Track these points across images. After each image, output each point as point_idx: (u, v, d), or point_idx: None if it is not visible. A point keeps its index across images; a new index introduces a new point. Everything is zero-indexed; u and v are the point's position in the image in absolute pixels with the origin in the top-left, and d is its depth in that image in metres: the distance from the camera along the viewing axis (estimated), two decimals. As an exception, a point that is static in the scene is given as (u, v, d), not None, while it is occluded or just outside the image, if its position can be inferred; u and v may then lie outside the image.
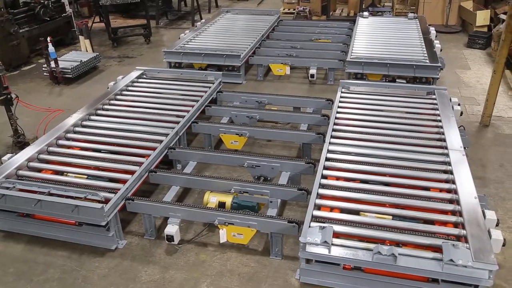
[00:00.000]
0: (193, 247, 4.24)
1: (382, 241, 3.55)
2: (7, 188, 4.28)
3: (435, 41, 7.86)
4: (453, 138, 4.77)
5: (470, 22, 10.19)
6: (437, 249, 3.42)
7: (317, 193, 4.07)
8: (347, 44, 8.26)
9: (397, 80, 7.08)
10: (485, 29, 9.77)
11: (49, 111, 6.70)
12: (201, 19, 11.68)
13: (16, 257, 4.19)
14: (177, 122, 5.44)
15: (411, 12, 10.16)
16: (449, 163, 4.38)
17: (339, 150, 4.73)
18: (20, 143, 5.85)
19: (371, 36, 8.42)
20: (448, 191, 4.10)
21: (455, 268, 3.24)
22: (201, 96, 6.12)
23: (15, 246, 4.32)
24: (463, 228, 3.57)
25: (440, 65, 6.86)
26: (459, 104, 5.59)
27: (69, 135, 5.29)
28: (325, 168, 4.45)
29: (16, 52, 9.00)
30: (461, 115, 5.53)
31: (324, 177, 4.34)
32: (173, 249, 4.20)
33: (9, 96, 5.61)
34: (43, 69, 8.27)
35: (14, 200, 4.17)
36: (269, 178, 4.76)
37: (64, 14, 10.26)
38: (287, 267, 3.96)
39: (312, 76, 7.62)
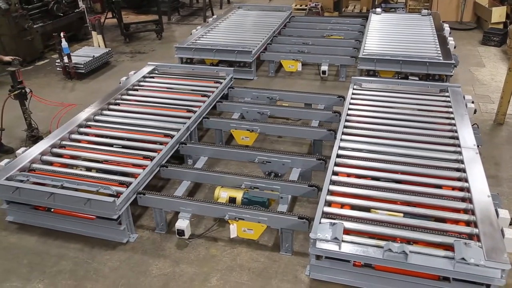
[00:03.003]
0: (203, 241, 4.26)
1: (393, 239, 3.53)
2: (21, 181, 4.34)
3: (449, 38, 7.78)
4: (466, 136, 4.73)
5: (485, 18, 10.06)
6: (449, 247, 3.40)
7: (328, 189, 4.06)
8: (359, 41, 8.21)
9: (409, 77, 7.02)
10: (501, 26, 9.64)
11: (62, 106, 6.76)
12: (213, 15, 11.67)
13: (30, 249, 4.25)
14: (189, 118, 5.46)
15: (425, 9, 10.06)
16: (462, 161, 4.34)
17: (350, 147, 4.71)
18: (33, 137, 5.93)
19: (383, 33, 8.36)
20: (461, 189, 4.06)
21: (467, 267, 3.21)
22: (212, 92, 6.14)
23: (29, 238, 4.38)
24: (476, 226, 3.54)
25: (454, 62, 6.79)
26: (472, 102, 5.53)
27: (82, 129, 5.34)
28: (336, 164, 4.43)
29: (30, 47, 9.10)
30: (474, 113, 5.48)
31: (335, 173, 4.33)
32: (184, 244, 4.23)
33: (23, 90, 5.68)
34: (56, 64, 8.36)
35: (28, 193, 4.22)
36: (279, 174, 4.76)
37: (77, 10, 10.34)
38: (297, 263, 3.96)
39: (324, 72, 7.59)
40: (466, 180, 4.08)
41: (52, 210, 4.32)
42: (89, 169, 4.68)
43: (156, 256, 4.11)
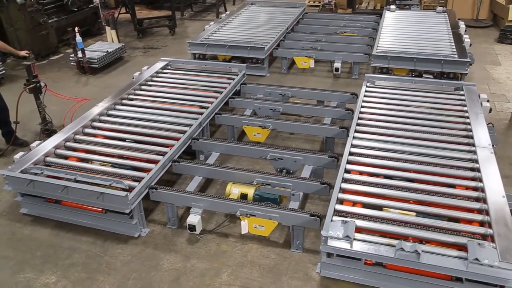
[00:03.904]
0: (214, 237, 4.28)
1: (405, 238, 3.50)
2: (36, 174, 4.39)
3: (465, 36, 7.69)
4: (481, 135, 4.67)
5: (502, 16, 9.91)
6: (462, 247, 3.37)
7: (340, 187, 4.04)
8: (373, 38, 8.15)
9: (423, 75, 6.95)
10: (518, 24, 9.50)
11: (76, 100, 6.82)
12: (226, 11, 11.69)
13: (43, 241, 4.31)
14: (201, 113, 5.47)
15: (440, 6, 9.93)
16: (476, 161, 4.29)
17: (363, 145, 4.68)
18: (47, 131, 5.99)
19: (397, 30, 8.28)
20: (475, 189, 4.02)
21: (480, 268, 3.18)
22: (225, 88, 6.14)
23: (43, 231, 4.43)
24: (490, 227, 3.50)
25: (469, 60, 6.71)
26: (488, 101, 5.46)
27: (95, 123, 5.38)
28: (349, 162, 4.41)
29: (45, 42, 9.19)
30: (490, 112, 5.41)
31: (347, 171, 4.30)
32: (195, 239, 4.25)
33: (38, 84, 5.73)
34: (71, 58, 8.43)
35: (42, 186, 4.27)
36: (291, 171, 4.75)
37: (91, 5, 10.42)
38: (308, 261, 3.95)
39: (337, 69, 7.55)
40: (480, 180, 4.03)
41: (61, 202, 4.38)
42: (102, 163, 4.71)
43: (167, 251, 4.13)
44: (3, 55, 8.24)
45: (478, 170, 4.16)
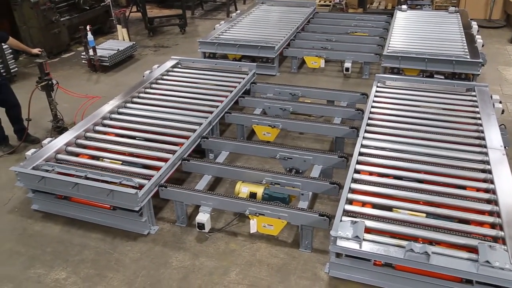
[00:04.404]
0: (223, 236, 4.28)
1: (414, 239, 3.48)
2: (47, 170, 4.43)
3: (477, 36, 7.61)
4: (493, 137, 4.62)
5: (515, 16, 9.81)
6: (472, 249, 3.34)
7: (350, 187, 4.02)
8: (383, 38, 8.11)
9: (435, 76, 6.89)
10: (531, 25, 9.39)
11: (87, 98, 6.87)
12: (236, 10, 11.69)
13: (54, 237, 4.35)
14: (211, 112, 5.48)
15: (452, 6, 9.84)
16: (488, 162, 4.25)
17: (373, 145, 4.66)
18: (59, 128, 6.04)
19: (409, 30, 8.23)
20: (486, 190, 3.98)
21: (491, 270, 3.14)
22: (235, 87, 6.14)
23: (53, 227, 4.47)
24: (501, 229, 3.46)
25: (481, 61, 6.64)
26: (500, 102, 5.40)
27: (106, 121, 5.42)
28: (358, 162, 4.39)
29: (57, 40, 9.27)
30: (502, 113, 5.36)
31: (357, 171, 4.29)
32: (204, 237, 4.26)
33: (50, 82, 5.78)
34: (82, 56, 8.49)
35: (53, 183, 4.31)
36: (300, 171, 4.74)
37: (102, 4, 10.48)
38: (316, 260, 3.95)
39: (347, 69, 7.52)
40: (492, 182, 3.99)
41: (70, 199, 4.42)
42: (112, 161, 4.74)
43: (176, 249, 4.14)
44: (16, 52, 8.32)
45: (489, 171, 4.12)
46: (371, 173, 4.31)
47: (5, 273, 3.94)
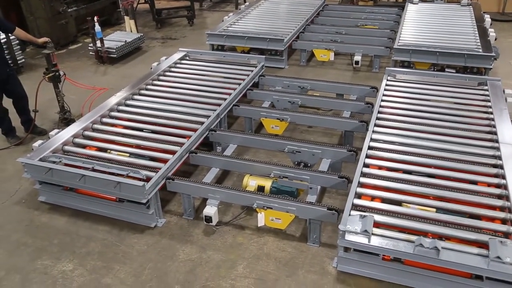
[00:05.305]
0: (230, 229, 4.26)
1: (424, 234, 3.43)
2: (54, 162, 4.42)
3: (490, 30, 7.48)
4: (505, 132, 4.55)
5: (529, 10, 9.64)
6: (483, 245, 3.29)
7: (359, 181, 3.98)
8: (394, 31, 8.00)
9: (446, 70, 6.79)
10: (545, 18, 9.22)
11: (94, 90, 6.86)
12: (245, 2, 11.61)
13: (60, 229, 4.34)
14: (219, 105, 5.44)
15: (465, -2, 9.69)
16: (499, 157, 4.18)
17: (382, 139, 4.60)
18: (66, 120, 6.03)
19: (420, 23, 8.11)
20: (497, 186, 3.92)
21: (502, 266, 3.10)
22: (243, 80, 6.10)
23: (60, 219, 4.47)
24: (513, 225, 3.41)
25: (494, 54, 6.53)
26: (513, 96, 5.32)
27: (113, 113, 5.40)
28: (368, 156, 4.34)
29: (64, 31, 9.26)
30: (515, 107, 5.25)
31: (366, 165, 4.24)
32: (211, 230, 4.24)
33: (57, 73, 5.76)
34: (89, 48, 8.48)
35: (60, 174, 4.30)
36: (309, 164, 4.70)
37: (110, -5, 10.45)
38: (324, 255, 3.91)
39: (357, 62, 7.44)
40: (503, 177, 3.93)
41: (75, 190, 4.41)
42: (119, 153, 4.72)
43: (183, 242, 4.13)
44: (23, 43, 8.32)
45: (501, 167, 4.06)
46: (380, 167, 4.26)
47: (13, 264, 3.95)
